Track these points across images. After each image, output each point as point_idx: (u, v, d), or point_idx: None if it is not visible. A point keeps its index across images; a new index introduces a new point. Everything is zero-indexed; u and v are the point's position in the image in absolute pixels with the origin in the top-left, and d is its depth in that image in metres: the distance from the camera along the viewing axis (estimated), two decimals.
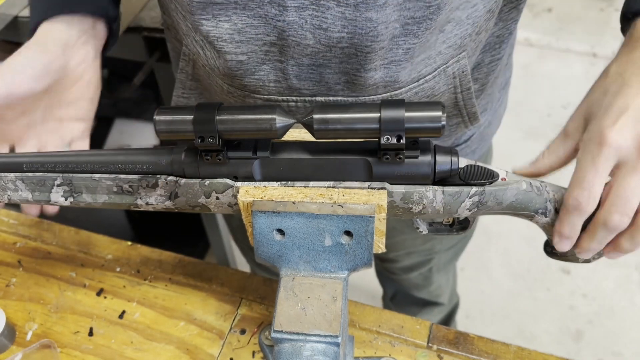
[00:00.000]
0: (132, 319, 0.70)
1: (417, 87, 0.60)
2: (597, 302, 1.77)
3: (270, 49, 0.56)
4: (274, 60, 0.57)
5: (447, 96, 0.65)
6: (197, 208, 0.55)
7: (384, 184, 0.51)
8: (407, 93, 0.60)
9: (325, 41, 0.54)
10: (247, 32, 0.55)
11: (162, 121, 0.49)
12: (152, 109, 1.39)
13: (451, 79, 0.63)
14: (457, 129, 0.71)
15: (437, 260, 1.07)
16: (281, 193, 0.51)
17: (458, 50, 0.60)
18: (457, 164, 0.50)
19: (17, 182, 0.57)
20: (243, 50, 0.57)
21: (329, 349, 0.49)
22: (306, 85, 0.59)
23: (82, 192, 0.56)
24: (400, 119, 0.46)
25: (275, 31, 0.54)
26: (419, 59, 0.58)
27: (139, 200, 0.56)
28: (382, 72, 0.57)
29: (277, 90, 0.60)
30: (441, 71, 0.61)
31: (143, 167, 0.54)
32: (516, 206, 0.54)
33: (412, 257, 1.04)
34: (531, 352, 0.65)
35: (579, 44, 2.57)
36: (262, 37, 0.55)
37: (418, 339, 0.66)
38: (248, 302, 0.71)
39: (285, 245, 0.52)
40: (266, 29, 0.55)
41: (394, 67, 0.57)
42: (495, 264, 1.87)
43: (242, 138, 0.51)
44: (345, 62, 0.56)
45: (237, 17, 0.54)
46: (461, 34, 0.59)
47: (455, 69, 0.62)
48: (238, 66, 0.58)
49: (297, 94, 0.60)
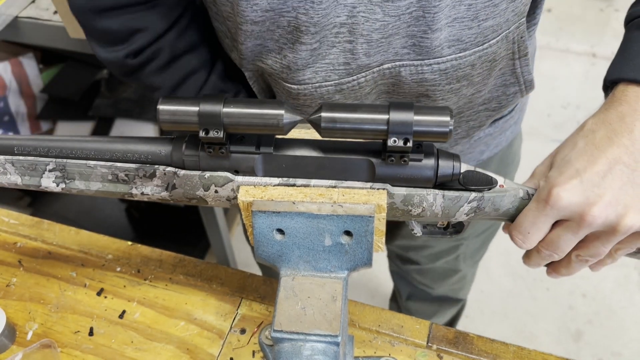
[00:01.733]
0: (132, 318, 0.70)
1: (480, 51, 0.61)
2: (597, 302, 1.77)
3: (340, 30, 0.56)
4: (343, 41, 0.57)
5: (505, 62, 0.66)
6: (194, 200, 0.55)
7: (386, 185, 0.51)
8: (471, 57, 0.61)
9: (394, 12, 0.55)
10: (320, 22, 0.55)
11: (166, 111, 0.49)
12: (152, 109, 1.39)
13: (510, 44, 0.64)
14: (514, 98, 0.72)
15: (464, 248, 1.05)
16: (281, 193, 0.51)
17: (520, 16, 0.62)
18: (459, 169, 0.50)
19: (6, 164, 0.55)
20: (316, 38, 0.56)
21: (328, 348, 0.49)
22: (374, 59, 0.59)
23: (74, 178, 0.55)
24: (409, 122, 0.46)
25: (345, 10, 0.54)
26: (488, 25, 0.59)
27: (133, 190, 0.55)
28: (446, 31, 0.58)
29: (347, 71, 0.60)
30: (504, 37, 0.62)
31: (141, 156, 0.54)
32: (512, 213, 0.54)
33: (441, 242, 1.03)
34: (531, 352, 0.65)
35: (578, 44, 2.57)
36: (332, 19, 0.55)
37: (418, 339, 0.66)
38: (248, 302, 0.71)
39: (285, 245, 0.52)
40: (336, 10, 0.54)
41: (458, 24, 0.57)
42: (495, 263, 1.87)
43: (247, 132, 0.50)
44: (412, 26, 0.56)
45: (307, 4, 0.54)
46: (527, 1, 0.60)
47: (515, 34, 0.63)
48: (310, 54, 0.58)
49: (366, 69, 0.60)
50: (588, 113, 2.66)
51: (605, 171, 0.48)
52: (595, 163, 0.49)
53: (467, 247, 1.05)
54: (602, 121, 0.51)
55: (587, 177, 0.48)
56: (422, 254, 1.07)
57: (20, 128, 1.45)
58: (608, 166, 0.48)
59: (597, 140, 0.50)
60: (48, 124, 1.52)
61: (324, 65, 0.59)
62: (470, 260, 1.12)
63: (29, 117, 1.48)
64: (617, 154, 0.48)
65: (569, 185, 0.49)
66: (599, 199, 0.48)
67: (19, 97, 1.43)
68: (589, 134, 0.51)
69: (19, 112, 1.44)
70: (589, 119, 0.54)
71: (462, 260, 1.09)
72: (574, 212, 0.49)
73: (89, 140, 0.55)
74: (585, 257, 0.54)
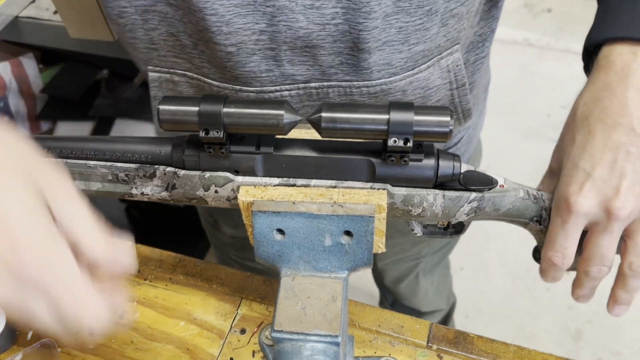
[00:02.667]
0: (132, 318, 0.70)
1: (411, 76, 0.60)
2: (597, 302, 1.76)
3: (259, 37, 0.55)
4: (264, 49, 0.56)
5: (443, 92, 0.65)
6: (194, 200, 0.55)
7: (386, 185, 0.51)
8: (401, 81, 0.60)
9: (318, 20, 0.53)
10: (234, 23, 0.54)
11: (166, 111, 0.49)
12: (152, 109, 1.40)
13: (446, 73, 0.63)
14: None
15: (423, 265, 1.06)
16: (281, 193, 0.51)
17: (452, 42, 0.60)
18: (459, 169, 0.51)
19: None
20: (232, 42, 0.55)
21: (329, 348, 0.49)
22: (300, 71, 0.58)
23: (74, 178, 0.55)
24: (409, 122, 0.46)
25: (265, 18, 0.53)
26: (418, 49, 0.58)
27: (133, 190, 0.55)
28: (376, 54, 0.56)
29: (270, 79, 0.59)
30: (435, 62, 0.61)
31: (141, 156, 0.54)
32: (513, 213, 0.54)
33: (400, 264, 1.03)
34: (531, 352, 0.65)
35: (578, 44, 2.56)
36: (250, 25, 0.54)
37: (418, 339, 0.66)
38: (248, 302, 0.71)
39: (285, 245, 0.52)
40: (254, 17, 0.54)
41: (388, 47, 0.56)
42: (495, 263, 1.87)
43: (247, 132, 0.50)
44: (339, 41, 0.55)
45: (224, 9, 0.53)
46: (460, 27, 0.59)
47: (449, 62, 0.62)
48: (228, 57, 0.57)
49: (291, 81, 0.59)
50: None
51: (612, 161, 0.47)
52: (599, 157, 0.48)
53: (425, 264, 1.07)
54: (592, 100, 0.50)
55: (597, 175, 0.48)
56: (385, 278, 1.09)
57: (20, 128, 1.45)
58: (612, 155, 0.47)
59: (592, 128, 0.49)
60: (48, 124, 1.52)
61: (244, 72, 0.59)
62: (429, 274, 1.13)
63: (28, 117, 1.48)
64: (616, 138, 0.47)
65: (584, 191, 0.48)
66: (617, 191, 0.47)
67: (19, 97, 1.43)
68: (583, 121, 0.50)
69: (19, 112, 1.44)
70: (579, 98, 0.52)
71: (422, 276, 1.10)
72: (598, 213, 0.48)
73: (89, 140, 0.55)
74: (638, 263, 0.50)
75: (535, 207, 0.54)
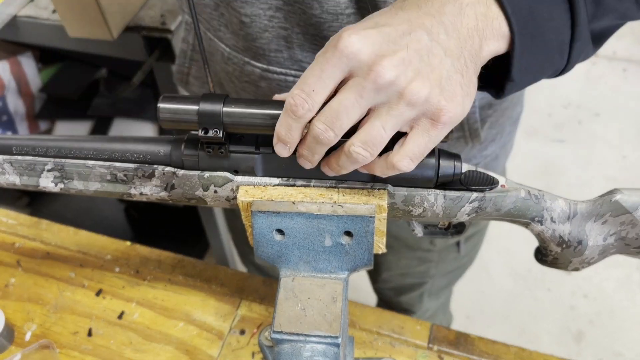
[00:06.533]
0: (131, 319, 0.70)
1: None
2: (598, 303, 1.77)
3: (274, 14, 0.54)
4: (277, 27, 0.55)
5: None
6: (193, 200, 0.55)
7: (387, 185, 0.50)
8: None
9: (332, 9, 0.52)
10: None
11: (166, 109, 0.48)
12: (151, 109, 1.39)
13: None
14: (457, 143, 0.70)
15: (430, 286, 1.04)
16: (281, 193, 0.50)
17: None
18: (460, 169, 0.50)
19: (4, 164, 0.55)
20: (247, 12, 0.55)
21: (329, 349, 0.49)
22: (308, 58, 0.57)
23: (73, 178, 0.55)
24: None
25: None
26: None
27: (132, 190, 0.55)
28: None
29: (278, 60, 0.58)
30: None
31: (140, 156, 0.53)
32: (514, 213, 0.54)
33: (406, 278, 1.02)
34: (532, 353, 0.65)
35: None
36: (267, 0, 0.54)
37: (418, 340, 0.66)
38: (247, 303, 0.71)
39: (285, 245, 0.52)
40: None
41: None
42: (496, 264, 1.87)
43: (247, 132, 0.50)
44: None
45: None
46: None
47: None
48: (241, 26, 0.56)
49: (298, 67, 0.58)
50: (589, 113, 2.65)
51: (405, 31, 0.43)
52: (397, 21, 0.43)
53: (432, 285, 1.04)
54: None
55: (386, 31, 0.42)
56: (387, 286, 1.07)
57: (19, 127, 1.45)
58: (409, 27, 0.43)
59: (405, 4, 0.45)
60: (46, 124, 1.52)
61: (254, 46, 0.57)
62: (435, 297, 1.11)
63: (27, 117, 1.47)
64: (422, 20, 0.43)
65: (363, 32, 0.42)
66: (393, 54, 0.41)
67: (18, 97, 1.43)
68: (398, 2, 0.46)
69: (18, 112, 1.44)
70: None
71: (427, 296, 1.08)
72: (362, 63, 0.41)
73: (88, 140, 0.55)
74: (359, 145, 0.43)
75: (537, 207, 0.54)
